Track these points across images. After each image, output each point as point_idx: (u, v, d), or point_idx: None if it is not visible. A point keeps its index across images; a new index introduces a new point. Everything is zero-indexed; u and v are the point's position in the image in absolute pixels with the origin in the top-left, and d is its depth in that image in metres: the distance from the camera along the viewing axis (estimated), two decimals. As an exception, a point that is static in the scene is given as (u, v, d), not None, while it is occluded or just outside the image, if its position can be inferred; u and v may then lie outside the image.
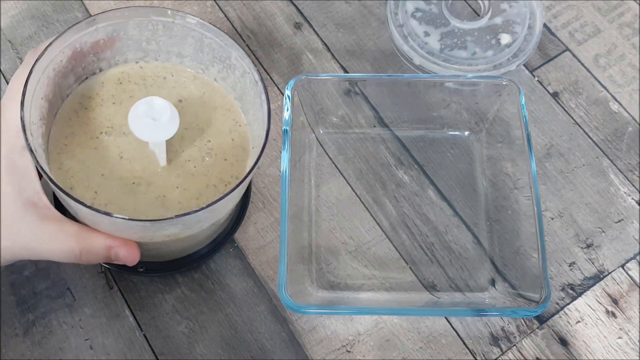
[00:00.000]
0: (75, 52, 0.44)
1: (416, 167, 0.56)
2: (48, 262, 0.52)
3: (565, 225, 0.54)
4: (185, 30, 0.46)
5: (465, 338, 0.50)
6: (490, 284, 0.51)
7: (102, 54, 0.46)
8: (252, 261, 0.53)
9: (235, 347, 0.50)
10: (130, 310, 0.51)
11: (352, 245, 0.52)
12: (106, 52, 0.46)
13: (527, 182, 0.50)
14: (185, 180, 0.44)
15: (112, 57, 0.47)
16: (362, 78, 0.56)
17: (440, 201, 0.55)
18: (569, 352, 0.50)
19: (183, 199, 0.43)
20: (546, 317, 0.51)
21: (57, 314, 0.50)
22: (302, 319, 0.51)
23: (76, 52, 0.45)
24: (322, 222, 0.53)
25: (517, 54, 0.59)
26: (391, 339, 0.50)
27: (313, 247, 0.52)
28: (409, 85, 0.55)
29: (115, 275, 0.52)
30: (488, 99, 0.55)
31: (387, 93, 0.56)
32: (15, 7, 0.62)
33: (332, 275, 0.51)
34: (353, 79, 0.56)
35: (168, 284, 0.51)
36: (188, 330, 0.50)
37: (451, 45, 0.59)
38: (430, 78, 0.56)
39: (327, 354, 0.50)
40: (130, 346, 0.50)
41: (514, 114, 0.53)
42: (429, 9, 0.61)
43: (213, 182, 0.44)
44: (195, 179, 0.44)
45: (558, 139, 0.57)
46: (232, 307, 0.51)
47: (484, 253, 0.52)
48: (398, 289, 0.51)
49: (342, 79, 0.56)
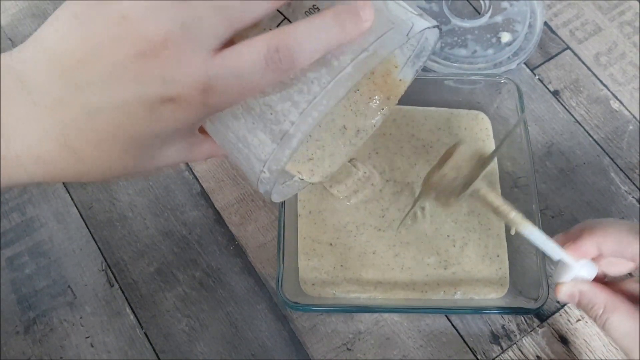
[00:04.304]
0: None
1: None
2: (48, 260, 0.52)
3: (565, 224, 0.54)
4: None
5: (465, 336, 0.50)
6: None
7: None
8: (252, 259, 0.53)
9: (235, 345, 0.50)
10: (130, 308, 0.51)
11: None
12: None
13: (526, 180, 0.50)
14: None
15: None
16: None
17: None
18: (569, 350, 0.50)
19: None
20: (546, 316, 0.51)
21: (58, 312, 0.51)
22: (303, 317, 0.51)
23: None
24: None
25: (518, 53, 0.59)
26: (392, 337, 0.50)
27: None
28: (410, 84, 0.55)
29: (116, 273, 0.52)
30: (488, 97, 0.55)
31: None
32: (16, 6, 0.62)
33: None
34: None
35: (169, 282, 0.52)
36: (189, 328, 0.50)
37: (452, 44, 0.59)
38: (430, 76, 0.56)
39: (328, 352, 0.50)
40: (131, 344, 0.50)
41: (514, 111, 0.53)
42: (429, 7, 0.61)
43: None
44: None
45: (558, 137, 0.57)
46: (232, 305, 0.51)
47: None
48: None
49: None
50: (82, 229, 0.54)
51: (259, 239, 0.53)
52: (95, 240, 0.53)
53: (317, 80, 0.29)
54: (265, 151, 0.30)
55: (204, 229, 0.54)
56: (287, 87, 0.29)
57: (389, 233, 0.52)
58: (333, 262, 0.51)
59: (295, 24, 0.28)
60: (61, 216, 0.54)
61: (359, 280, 0.50)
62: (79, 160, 0.29)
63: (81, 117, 0.28)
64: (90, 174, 0.30)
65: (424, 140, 0.55)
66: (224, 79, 0.27)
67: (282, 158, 0.29)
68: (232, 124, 0.31)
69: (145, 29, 0.27)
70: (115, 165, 0.30)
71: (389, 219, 0.52)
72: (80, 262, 0.53)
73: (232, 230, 0.54)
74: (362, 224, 0.52)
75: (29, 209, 0.54)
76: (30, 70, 0.29)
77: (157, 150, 0.31)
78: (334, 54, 0.28)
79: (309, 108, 0.28)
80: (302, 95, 0.29)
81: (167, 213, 0.54)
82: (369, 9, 0.28)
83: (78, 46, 0.27)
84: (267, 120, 0.29)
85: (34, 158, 0.29)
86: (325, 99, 0.28)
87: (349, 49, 0.28)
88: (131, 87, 0.27)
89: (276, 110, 0.29)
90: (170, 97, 0.27)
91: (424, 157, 0.55)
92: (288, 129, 0.29)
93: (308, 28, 0.27)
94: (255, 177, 0.31)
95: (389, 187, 0.54)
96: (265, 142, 0.30)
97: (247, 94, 0.28)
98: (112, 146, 0.29)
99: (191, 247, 0.53)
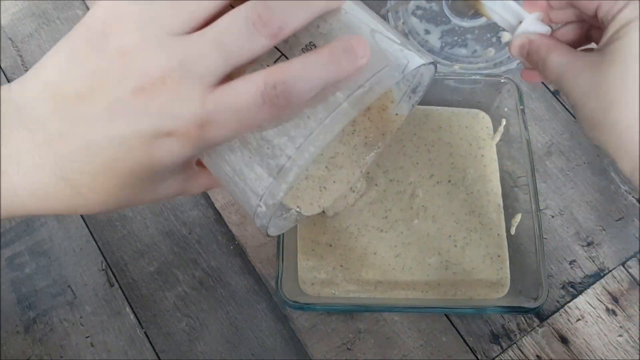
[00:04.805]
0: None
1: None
2: (48, 260, 0.52)
3: (565, 223, 0.54)
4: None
5: (465, 336, 0.50)
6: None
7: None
8: (252, 259, 0.53)
9: (235, 345, 0.50)
10: (131, 308, 0.51)
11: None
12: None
13: (526, 180, 0.50)
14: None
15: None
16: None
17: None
18: (569, 350, 0.50)
19: None
20: (546, 315, 0.51)
21: (58, 312, 0.51)
22: (303, 316, 0.51)
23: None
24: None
25: (518, 52, 0.59)
26: (392, 336, 0.50)
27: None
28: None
29: (116, 273, 0.52)
30: (488, 96, 0.55)
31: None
32: (16, 5, 0.62)
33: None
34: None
35: (169, 281, 0.52)
36: (189, 327, 0.50)
37: (452, 43, 0.59)
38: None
39: (328, 351, 0.50)
40: (131, 344, 0.50)
41: (514, 111, 0.53)
42: (429, 7, 0.61)
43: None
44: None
45: (559, 137, 0.57)
46: (232, 304, 0.51)
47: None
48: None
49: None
50: (82, 228, 0.54)
51: (259, 239, 0.53)
52: (95, 239, 0.53)
53: (314, 115, 0.29)
54: (261, 185, 0.30)
55: (204, 229, 0.54)
56: (283, 121, 0.29)
57: (391, 234, 0.52)
58: (332, 262, 0.51)
59: (291, 60, 0.28)
60: (61, 216, 0.54)
61: (358, 280, 0.50)
62: (76, 194, 0.30)
63: (79, 151, 0.28)
64: (85, 207, 0.31)
65: (425, 139, 0.55)
66: (221, 114, 0.27)
67: (279, 192, 0.30)
68: (229, 157, 0.31)
69: (143, 64, 0.27)
70: (111, 200, 0.30)
71: (391, 220, 0.52)
72: (80, 261, 0.53)
73: (232, 229, 0.54)
74: (364, 226, 0.52)
75: (29, 208, 0.54)
76: (29, 103, 0.29)
77: (153, 184, 0.31)
78: (330, 89, 0.29)
79: (305, 143, 0.29)
80: (298, 130, 0.29)
81: (167, 213, 0.54)
82: (365, 46, 0.28)
83: (77, 81, 0.28)
84: (264, 155, 0.30)
85: (30, 191, 0.29)
86: (322, 134, 0.29)
87: (344, 85, 0.29)
88: (129, 121, 0.27)
89: (273, 145, 0.29)
90: (168, 132, 0.28)
91: (426, 156, 0.55)
92: (285, 163, 0.29)
93: (304, 65, 0.28)
94: (252, 210, 0.31)
95: (392, 186, 0.54)
96: (261, 176, 0.30)
97: (244, 129, 0.29)
98: (109, 180, 0.29)
99: (191, 247, 0.53)
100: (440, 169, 0.54)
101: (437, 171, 0.54)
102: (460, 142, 0.55)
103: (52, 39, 0.61)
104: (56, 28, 0.61)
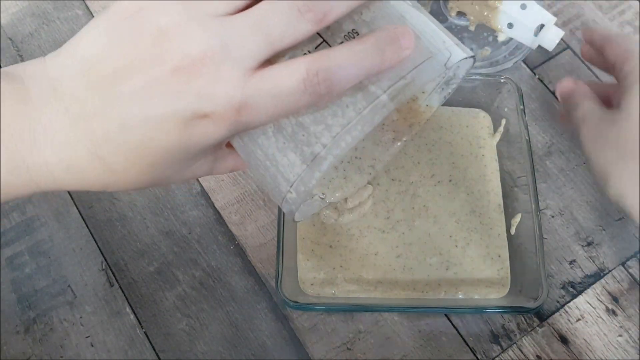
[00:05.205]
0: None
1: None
2: (48, 260, 0.52)
3: (565, 223, 0.54)
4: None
5: (465, 336, 0.50)
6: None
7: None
8: (252, 259, 0.53)
9: (235, 345, 0.50)
10: (130, 308, 0.51)
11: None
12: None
13: (526, 180, 0.50)
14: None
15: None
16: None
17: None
18: (569, 350, 0.50)
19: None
20: (546, 315, 0.51)
21: (58, 312, 0.50)
22: (303, 316, 0.51)
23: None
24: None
25: (514, 52, 0.59)
26: (392, 336, 0.50)
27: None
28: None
29: (116, 273, 0.52)
30: (488, 96, 0.55)
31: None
32: (16, 5, 0.62)
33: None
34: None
35: (169, 281, 0.52)
36: (189, 327, 0.50)
37: (452, 43, 0.59)
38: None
39: (328, 351, 0.50)
40: (131, 344, 0.50)
41: (514, 111, 0.53)
42: (427, 5, 0.61)
43: None
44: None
45: (559, 137, 0.57)
46: (232, 304, 0.51)
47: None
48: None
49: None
50: (82, 228, 0.54)
51: (259, 239, 0.53)
52: (95, 239, 0.53)
53: (353, 105, 0.28)
54: (294, 172, 0.30)
55: (204, 229, 0.54)
56: (321, 109, 0.29)
57: (393, 234, 0.52)
58: (332, 262, 0.51)
59: (336, 48, 0.28)
60: (61, 215, 0.54)
61: (358, 281, 0.50)
62: (108, 171, 0.29)
63: (114, 129, 0.28)
64: (117, 184, 0.30)
65: (426, 138, 0.55)
66: (259, 99, 0.27)
67: (311, 180, 0.29)
68: (262, 142, 0.30)
69: (184, 44, 0.26)
70: (142, 178, 0.30)
71: (393, 221, 0.52)
72: (80, 261, 0.53)
73: (232, 229, 0.54)
74: (366, 227, 0.52)
75: (29, 208, 0.54)
76: (65, 78, 0.28)
77: (186, 164, 0.31)
78: (371, 79, 0.28)
79: (342, 132, 0.28)
80: (336, 119, 0.29)
81: (167, 212, 0.54)
82: (410, 37, 0.28)
83: (115, 58, 0.27)
84: (299, 141, 0.29)
85: (63, 165, 0.29)
86: (360, 125, 0.28)
87: (386, 76, 0.28)
88: (166, 102, 0.27)
89: (309, 132, 0.29)
90: (205, 114, 0.27)
91: (427, 156, 0.55)
92: (319, 152, 0.29)
93: (349, 53, 0.27)
94: (281, 196, 0.31)
95: (394, 186, 0.54)
96: (294, 162, 0.29)
97: (282, 115, 0.28)
98: (143, 159, 0.29)
99: (191, 247, 0.53)
100: (441, 169, 0.54)
101: (438, 171, 0.54)
102: (461, 142, 0.55)
103: (52, 39, 0.61)
104: (56, 28, 0.61)
